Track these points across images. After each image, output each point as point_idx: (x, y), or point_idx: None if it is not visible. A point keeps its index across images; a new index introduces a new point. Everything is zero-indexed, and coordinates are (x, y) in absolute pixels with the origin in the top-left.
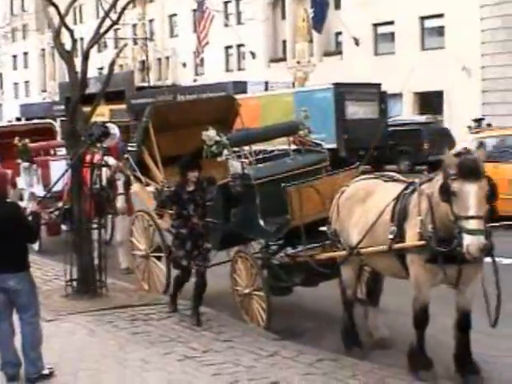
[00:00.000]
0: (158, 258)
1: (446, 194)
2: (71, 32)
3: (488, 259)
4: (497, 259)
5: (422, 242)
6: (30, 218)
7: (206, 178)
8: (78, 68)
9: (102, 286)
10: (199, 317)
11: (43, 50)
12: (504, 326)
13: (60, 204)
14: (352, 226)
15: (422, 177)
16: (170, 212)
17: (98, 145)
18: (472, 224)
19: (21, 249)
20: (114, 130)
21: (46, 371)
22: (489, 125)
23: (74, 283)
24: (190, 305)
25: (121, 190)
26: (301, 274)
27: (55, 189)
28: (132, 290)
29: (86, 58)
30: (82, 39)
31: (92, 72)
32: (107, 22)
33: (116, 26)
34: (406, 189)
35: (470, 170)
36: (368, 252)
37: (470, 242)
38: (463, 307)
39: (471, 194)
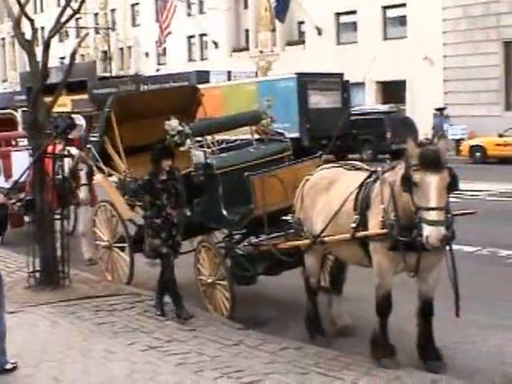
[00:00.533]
0: (122, 249)
1: (408, 184)
2: (31, 21)
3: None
4: (458, 247)
5: (385, 231)
6: None
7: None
8: (39, 57)
9: (64, 277)
10: (163, 307)
11: (3, 39)
12: (466, 313)
13: (22, 195)
14: (316, 214)
15: (384, 165)
16: (139, 204)
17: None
18: (432, 215)
19: None
20: (80, 120)
21: (8, 366)
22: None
23: (37, 275)
24: (154, 295)
25: (84, 180)
26: (264, 263)
27: (17, 179)
28: (95, 281)
29: (46, 47)
30: (42, 28)
31: (54, 62)
32: (68, 11)
33: (77, 16)
34: (368, 177)
35: (431, 161)
36: (331, 240)
37: (430, 233)
38: (425, 295)
39: (432, 185)
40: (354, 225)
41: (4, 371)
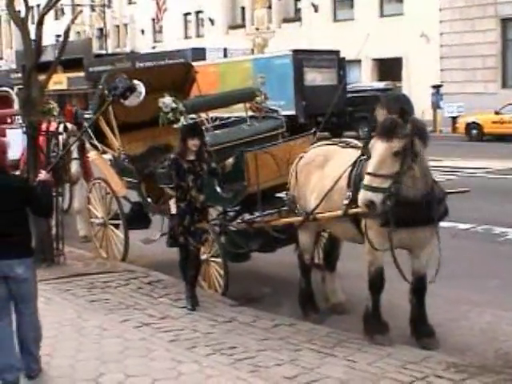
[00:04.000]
0: (116, 226)
1: (368, 151)
2: None
3: (445, 224)
4: (453, 224)
5: None
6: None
7: (163, 145)
8: (34, 35)
9: (59, 255)
10: (195, 300)
11: None
12: (460, 290)
13: (17, 173)
14: (310, 191)
15: None
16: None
17: (127, 101)
18: (366, 179)
19: (27, 230)
20: (141, 87)
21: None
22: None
23: None
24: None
25: (75, 154)
26: (258, 240)
27: (12, 157)
28: (90, 258)
29: (40, 24)
30: (38, 6)
31: (49, 40)
32: None
33: None
34: (362, 155)
35: (382, 128)
36: (323, 217)
37: (359, 196)
38: (418, 271)
39: (376, 151)
40: (346, 202)
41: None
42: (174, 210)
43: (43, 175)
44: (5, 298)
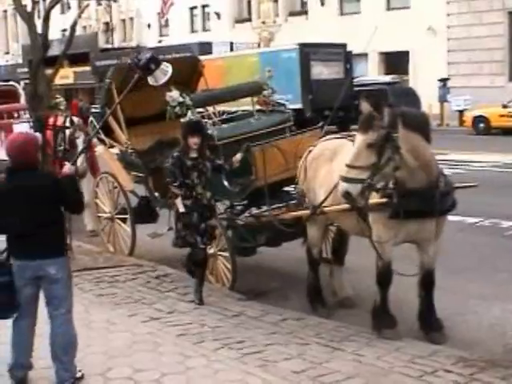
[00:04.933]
0: (123, 220)
1: None
2: None
3: (452, 218)
4: (460, 218)
5: (385, 200)
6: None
7: (170, 139)
8: (40, 30)
9: (67, 249)
10: (201, 295)
11: (5, 11)
12: (468, 284)
13: None
14: (318, 185)
15: None
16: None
17: (149, 78)
18: (343, 171)
19: (60, 228)
20: (166, 65)
21: (78, 374)
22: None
23: None
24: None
25: (80, 148)
26: (265, 234)
27: None
28: (97, 253)
29: (46, 18)
30: (44, 0)
31: (56, 34)
32: None
33: None
34: None
35: (360, 122)
36: (331, 211)
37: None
38: (427, 265)
39: (355, 144)
40: None
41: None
42: (181, 209)
43: (67, 168)
44: (31, 297)
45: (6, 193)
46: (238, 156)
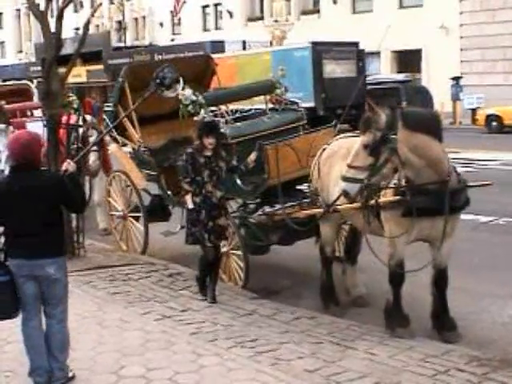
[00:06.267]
0: (136, 219)
1: None
2: None
3: (466, 217)
4: (474, 217)
5: (397, 198)
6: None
7: (183, 137)
8: (53, 28)
9: (80, 247)
10: (214, 294)
11: (18, 10)
12: (481, 283)
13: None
14: (332, 184)
15: None
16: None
17: (166, 93)
18: (343, 170)
19: (60, 228)
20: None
21: (70, 374)
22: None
23: None
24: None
25: (93, 147)
26: (278, 232)
27: None
28: (110, 251)
29: (60, 17)
30: None
31: (68, 33)
32: None
33: None
34: None
35: (360, 124)
36: (343, 209)
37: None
38: (440, 264)
39: (355, 145)
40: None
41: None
42: (190, 205)
43: (70, 165)
44: (34, 297)
45: (7, 192)
46: (253, 156)
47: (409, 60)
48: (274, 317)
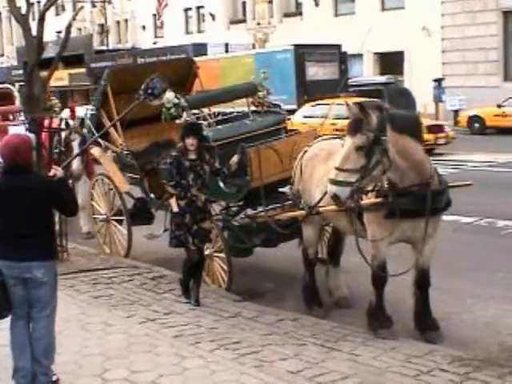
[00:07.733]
0: (119, 222)
1: None
2: None
3: (448, 218)
4: (456, 218)
5: (380, 199)
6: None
7: (166, 140)
8: (35, 32)
9: (63, 251)
10: (198, 296)
11: None
12: (463, 284)
13: None
14: (314, 186)
15: None
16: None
17: (154, 101)
18: (332, 173)
19: (49, 231)
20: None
21: (54, 378)
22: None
23: None
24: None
25: (76, 151)
26: (261, 234)
27: None
28: (93, 254)
29: (41, 20)
30: (38, 2)
31: (50, 36)
32: None
33: None
34: None
35: (348, 125)
36: (326, 211)
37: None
38: (422, 265)
39: (344, 147)
40: None
41: None
42: (175, 209)
43: (58, 172)
44: (22, 298)
45: None
46: (235, 158)
47: (391, 62)
48: (257, 319)
